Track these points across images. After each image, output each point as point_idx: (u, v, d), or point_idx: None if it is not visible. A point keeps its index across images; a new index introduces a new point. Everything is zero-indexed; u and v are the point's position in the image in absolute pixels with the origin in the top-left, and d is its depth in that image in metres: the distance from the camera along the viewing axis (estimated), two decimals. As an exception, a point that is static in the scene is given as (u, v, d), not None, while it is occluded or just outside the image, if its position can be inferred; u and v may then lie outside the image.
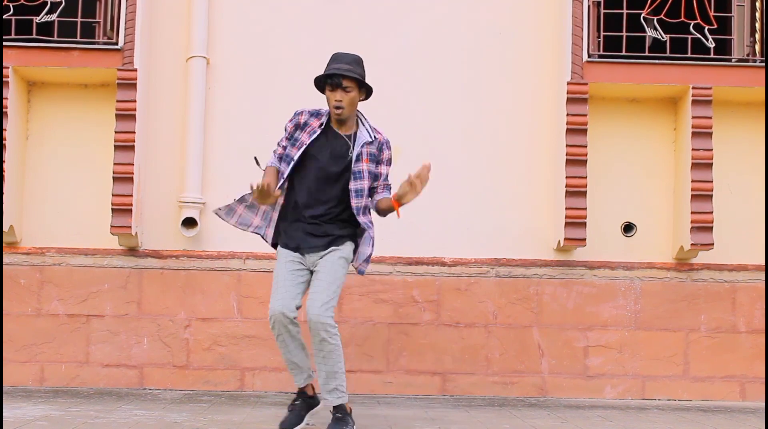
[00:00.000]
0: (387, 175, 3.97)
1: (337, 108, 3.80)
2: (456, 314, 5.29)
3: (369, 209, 3.96)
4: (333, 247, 3.84)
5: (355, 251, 3.96)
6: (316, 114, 3.92)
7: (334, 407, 3.85)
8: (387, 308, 5.27)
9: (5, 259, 5.20)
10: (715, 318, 5.34)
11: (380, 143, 3.91)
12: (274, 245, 4.01)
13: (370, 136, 3.88)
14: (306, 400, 4.00)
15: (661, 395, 5.31)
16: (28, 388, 5.12)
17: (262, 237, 4.05)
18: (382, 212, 3.98)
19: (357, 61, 3.89)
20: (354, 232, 3.93)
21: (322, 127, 3.88)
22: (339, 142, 3.87)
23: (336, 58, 3.88)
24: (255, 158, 4.05)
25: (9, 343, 5.17)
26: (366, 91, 3.89)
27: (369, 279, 5.27)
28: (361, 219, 3.87)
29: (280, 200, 3.95)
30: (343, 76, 3.77)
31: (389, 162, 3.96)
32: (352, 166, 3.84)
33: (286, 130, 3.95)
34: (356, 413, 4.46)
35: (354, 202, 3.84)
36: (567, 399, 5.24)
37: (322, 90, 3.92)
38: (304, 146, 3.84)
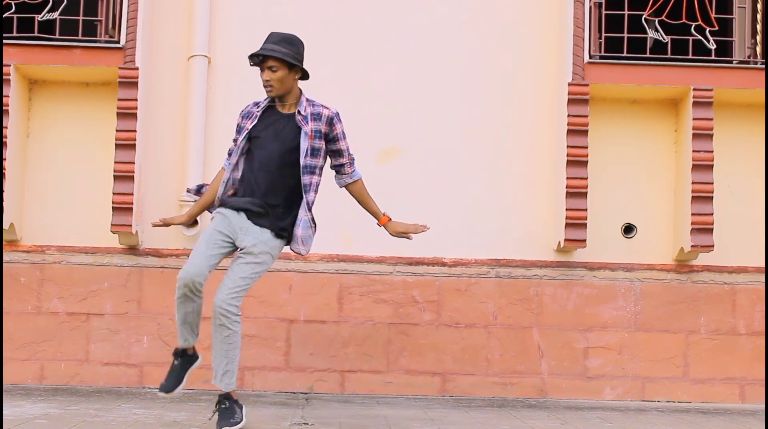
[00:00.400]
0: (348, 149, 3.89)
1: (266, 86, 3.81)
2: (456, 315, 5.29)
3: (317, 187, 3.86)
4: (265, 238, 3.75)
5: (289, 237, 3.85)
6: (256, 103, 3.94)
7: (221, 395, 3.83)
8: (387, 308, 5.26)
9: (5, 257, 5.20)
10: (715, 320, 5.34)
11: (328, 118, 3.83)
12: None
13: (313, 109, 3.82)
14: (185, 358, 3.99)
15: (660, 397, 5.31)
16: (28, 386, 5.12)
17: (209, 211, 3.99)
18: (360, 204, 3.97)
19: (286, 40, 3.85)
20: (293, 221, 3.84)
21: (262, 109, 3.86)
22: (282, 121, 3.83)
23: (267, 38, 3.86)
24: (187, 189, 4.10)
25: (9, 341, 5.17)
26: (300, 69, 3.85)
27: (369, 279, 5.27)
28: (308, 197, 3.80)
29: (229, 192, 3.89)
30: (267, 56, 3.78)
31: (344, 134, 3.87)
32: (301, 143, 3.77)
33: (237, 124, 3.95)
34: (355, 413, 4.46)
35: (304, 179, 3.78)
36: (566, 400, 5.24)
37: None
38: (246, 131, 3.83)
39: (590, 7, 5.24)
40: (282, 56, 3.78)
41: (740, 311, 5.35)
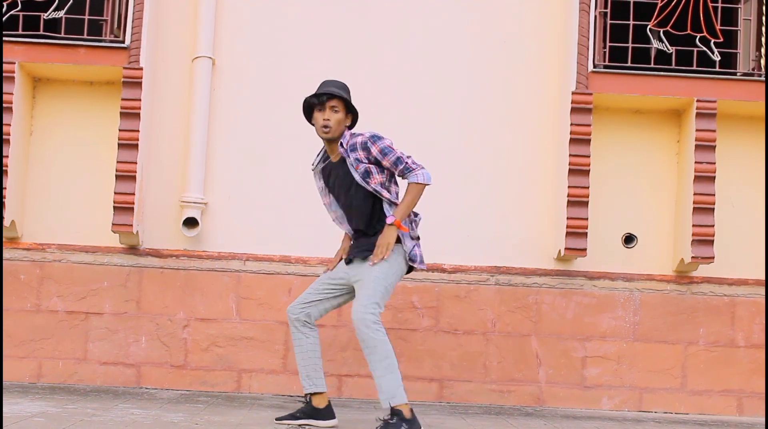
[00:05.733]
0: (399, 158, 3.96)
1: (325, 127, 3.97)
2: (455, 321, 5.29)
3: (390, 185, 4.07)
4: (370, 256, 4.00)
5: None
6: (314, 162, 4.20)
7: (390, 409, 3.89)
8: (386, 313, 5.26)
9: (6, 254, 5.21)
10: (714, 332, 5.34)
11: (361, 144, 3.96)
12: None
13: (344, 145, 3.99)
14: (308, 407, 4.12)
15: (658, 408, 5.30)
16: (26, 384, 5.12)
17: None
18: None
19: (343, 87, 4.08)
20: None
21: (321, 161, 4.13)
22: (337, 168, 4.07)
23: (325, 83, 4.08)
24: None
25: (7, 339, 5.17)
26: (352, 116, 4.06)
27: (369, 283, 5.26)
28: (390, 200, 4.01)
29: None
30: (331, 96, 3.97)
31: (384, 151, 3.96)
32: (357, 178, 3.98)
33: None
34: (352, 418, 4.46)
35: (383, 195, 3.98)
36: (563, 409, 5.23)
37: (309, 118, 4.10)
38: (320, 190, 4.18)
39: (595, 17, 5.25)
40: (348, 98, 4.02)
41: (739, 323, 5.34)
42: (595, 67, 5.24)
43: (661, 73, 5.27)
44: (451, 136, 5.40)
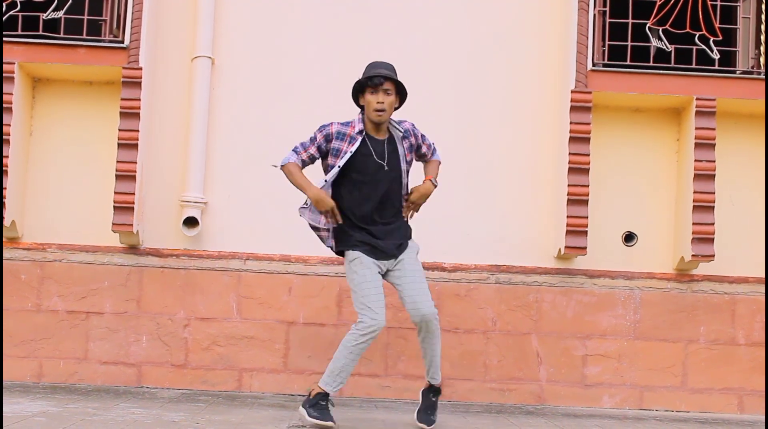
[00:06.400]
0: (431, 144, 4.26)
1: (379, 111, 4.00)
2: (455, 320, 5.29)
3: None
4: (406, 247, 4.14)
5: None
6: (346, 124, 4.09)
7: (433, 387, 4.21)
8: (386, 312, 5.24)
9: (6, 254, 5.21)
10: (715, 330, 5.34)
11: (409, 131, 4.15)
12: (340, 252, 4.19)
13: (400, 130, 4.10)
14: (330, 404, 4.12)
15: (658, 406, 5.30)
16: (27, 383, 5.12)
17: (329, 247, 4.26)
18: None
19: (392, 68, 4.11)
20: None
21: (362, 133, 4.05)
22: (380, 147, 4.07)
23: (374, 64, 4.10)
24: (273, 166, 4.19)
25: (8, 339, 5.17)
26: (400, 97, 4.11)
27: (369, 282, 5.26)
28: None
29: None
30: (385, 78, 3.99)
31: (424, 137, 4.22)
32: (401, 166, 4.08)
33: (313, 139, 4.09)
34: (353, 417, 4.46)
35: (403, 191, 4.15)
36: (564, 407, 5.23)
37: (356, 98, 4.12)
38: (349, 154, 4.01)
39: (594, 15, 5.25)
40: (399, 81, 4.05)
41: (740, 321, 5.34)
42: (594, 65, 5.24)
43: (661, 71, 5.27)
44: (451, 135, 5.40)
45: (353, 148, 4.01)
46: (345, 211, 4.09)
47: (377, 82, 3.98)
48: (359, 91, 4.08)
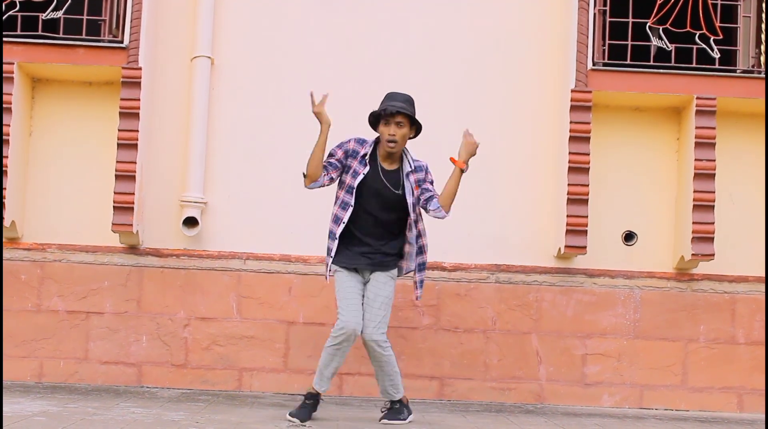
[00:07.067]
0: (432, 181, 4.30)
1: (390, 142, 4.12)
2: (455, 319, 5.29)
3: (416, 225, 4.29)
4: (382, 268, 4.22)
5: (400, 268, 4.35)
6: (361, 142, 4.21)
7: (392, 401, 4.30)
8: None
9: (6, 255, 5.21)
10: (714, 329, 5.34)
11: (422, 167, 4.26)
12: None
13: (411, 165, 4.20)
14: (316, 401, 4.26)
15: (658, 405, 5.30)
16: (27, 383, 5.13)
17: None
18: (448, 197, 4.24)
19: (409, 101, 4.20)
20: (400, 252, 4.31)
21: (368, 157, 4.17)
22: (389, 176, 4.19)
23: (391, 96, 4.19)
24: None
25: (8, 339, 5.18)
26: (416, 129, 4.22)
27: (369, 282, 5.26)
28: (414, 231, 4.28)
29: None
30: (398, 112, 4.09)
31: (431, 179, 4.30)
32: (407, 198, 4.18)
33: (334, 154, 4.20)
34: (353, 416, 4.47)
35: (410, 219, 4.24)
36: (564, 406, 5.24)
37: (374, 126, 4.22)
38: (361, 176, 4.13)
39: (594, 14, 5.24)
40: (413, 115, 4.17)
41: (740, 320, 5.34)
42: (594, 64, 5.23)
43: (661, 70, 5.27)
44: (451, 135, 5.37)
45: (365, 171, 4.15)
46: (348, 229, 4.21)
47: (389, 112, 4.09)
48: (375, 120, 4.22)
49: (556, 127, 5.35)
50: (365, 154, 4.17)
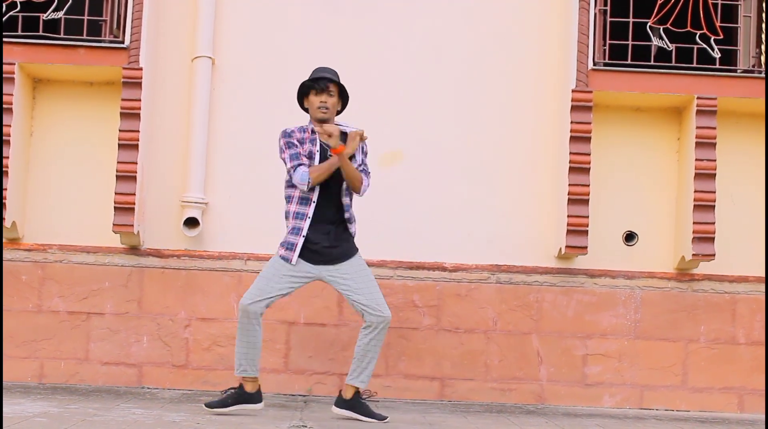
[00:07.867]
0: (363, 161, 4.32)
1: (321, 109, 4.23)
2: (456, 320, 5.29)
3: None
4: (350, 255, 4.29)
5: None
6: (302, 129, 4.32)
7: (358, 391, 4.33)
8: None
9: (7, 255, 5.21)
10: (715, 329, 5.34)
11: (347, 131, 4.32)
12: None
13: (346, 131, 4.25)
14: (241, 392, 4.34)
15: (659, 405, 5.31)
16: (28, 384, 5.13)
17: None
18: (349, 180, 4.27)
19: (336, 74, 4.33)
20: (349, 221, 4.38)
21: (314, 141, 4.27)
22: (325, 151, 4.27)
23: (318, 69, 4.33)
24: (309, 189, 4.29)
25: (9, 339, 5.18)
26: (342, 102, 4.34)
27: (369, 282, 5.26)
28: (350, 211, 4.34)
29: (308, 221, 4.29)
30: (330, 80, 4.24)
31: (363, 150, 4.33)
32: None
33: (288, 146, 4.27)
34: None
35: (344, 201, 4.30)
36: (565, 407, 5.24)
37: (302, 102, 4.34)
38: (318, 152, 4.24)
39: (595, 14, 5.24)
40: (342, 84, 4.29)
41: (740, 321, 5.34)
42: (595, 64, 5.23)
43: (662, 70, 5.27)
44: (451, 135, 5.40)
45: (317, 148, 4.25)
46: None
47: (322, 85, 4.23)
48: (304, 94, 4.31)
49: (556, 127, 5.35)
50: (312, 138, 4.26)
